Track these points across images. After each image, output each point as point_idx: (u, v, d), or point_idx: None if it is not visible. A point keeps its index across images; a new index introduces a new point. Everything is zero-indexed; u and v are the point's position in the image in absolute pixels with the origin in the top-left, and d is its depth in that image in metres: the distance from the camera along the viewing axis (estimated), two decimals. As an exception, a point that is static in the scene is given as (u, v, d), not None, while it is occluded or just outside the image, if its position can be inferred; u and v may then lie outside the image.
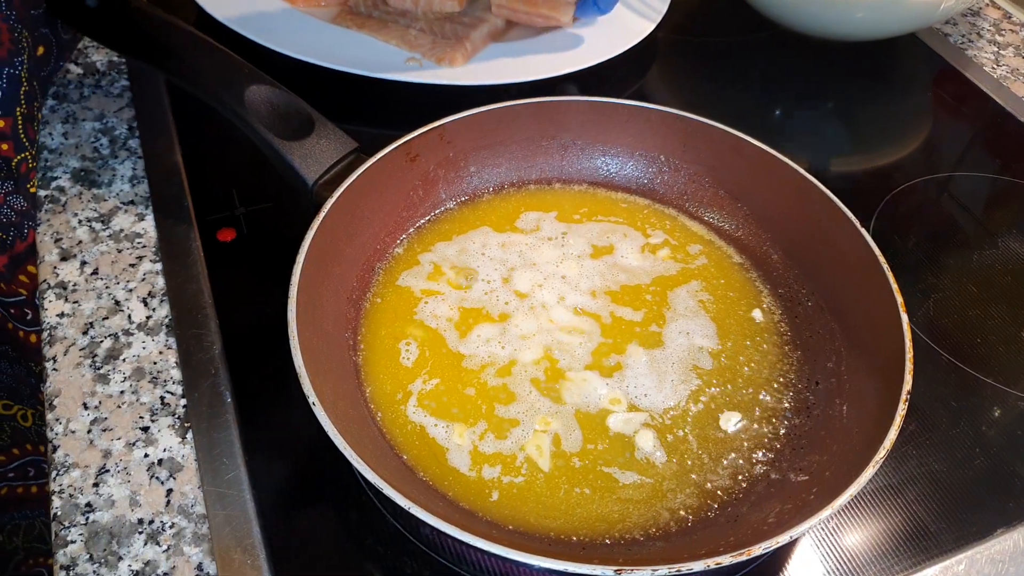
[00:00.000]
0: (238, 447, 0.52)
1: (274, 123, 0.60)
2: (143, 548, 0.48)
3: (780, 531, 0.42)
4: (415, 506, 0.41)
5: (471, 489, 0.49)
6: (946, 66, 0.90)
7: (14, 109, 0.61)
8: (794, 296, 0.60)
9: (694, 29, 0.93)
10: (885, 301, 0.52)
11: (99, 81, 0.76)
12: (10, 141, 0.62)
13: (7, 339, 0.70)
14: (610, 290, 0.60)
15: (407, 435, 0.51)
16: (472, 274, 0.60)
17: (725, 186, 0.65)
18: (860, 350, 0.54)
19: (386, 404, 0.53)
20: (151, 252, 0.63)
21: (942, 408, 0.58)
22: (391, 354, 0.55)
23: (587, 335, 0.57)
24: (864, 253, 0.55)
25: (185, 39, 0.64)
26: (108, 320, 0.59)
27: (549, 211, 0.66)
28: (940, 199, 0.77)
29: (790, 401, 0.55)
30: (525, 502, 0.49)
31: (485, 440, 0.51)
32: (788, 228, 0.62)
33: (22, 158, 0.63)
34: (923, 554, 0.51)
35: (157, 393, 0.55)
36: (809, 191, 0.59)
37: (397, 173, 0.61)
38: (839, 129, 0.83)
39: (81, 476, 0.51)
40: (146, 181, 0.68)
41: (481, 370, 0.55)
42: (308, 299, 0.51)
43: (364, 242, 0.60)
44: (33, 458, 0.76)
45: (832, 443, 0.50)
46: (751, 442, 0.52)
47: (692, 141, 0.65)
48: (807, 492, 0.47)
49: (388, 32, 0.81)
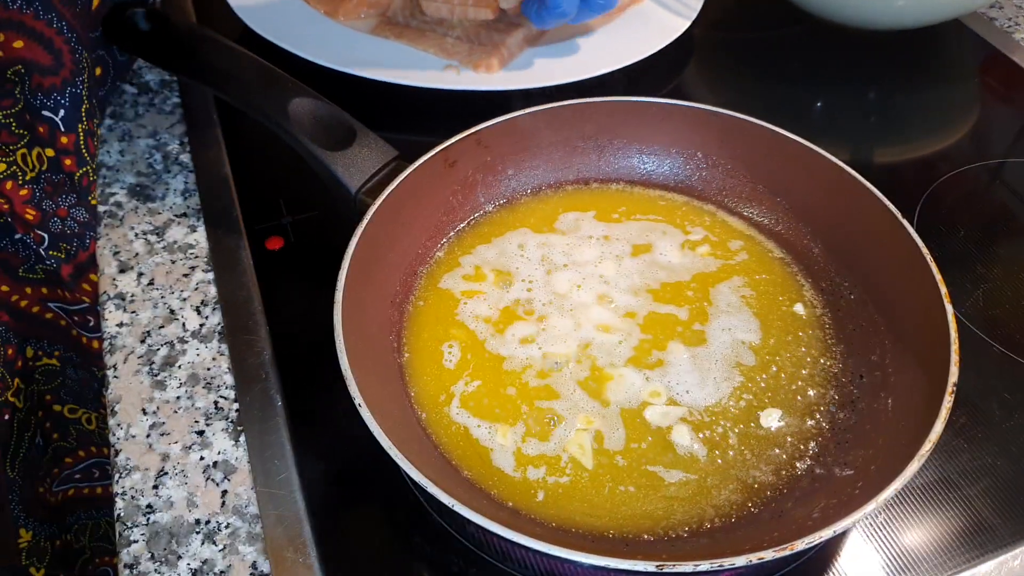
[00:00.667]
0: (288, 449, 0.54)
1: (317, 134, 0.61)
2: (200, 547, 0.50)
3: (824, 526, 0.41)
4: (459, 504, 0.42)
5: (516, 488, 0.50)
6: (993, 51, 0.88)
7: (76, 126, 0.64)
8: (836, 290, 0.60)
9: (730, 25, 0.93)
10: (929, 291, 0.52)
11: (152, 99, 0.79)
12: (73, 156, 0.65)
13: (72, 345, 0.73)
14: (651, 288, 0.60)
15: (451, 436, 0.52)
16: (511, 276, 0.61)
17: (763, 181, 0.65)
18: (904, 343, 0.53)
19: (430, 405, 0.54)
20: (203, 262, 0.65)
21: (995, 401, 0.57)
22: (434, 356, 0.56)
23: (627, 333, 0.58)
24: (905, 243, 0.55)
25: (230, 56, 0.66)
26: (164, 328, 0.61)
27: (587, 211, 0.66)
28: (991, 186, 0.75)
29: (834, 395, 0.54)
30: (571, 501, 0.49)
31: (528, 442, 0.52)
32: (828, 221, 0.61)
33: (83, 172, 0.66)
34: (978, 548, 0.50)
35: (211, 398, 0.57)
36: (847, 183, 0.59)
37: (436, 179, 0.62)
38: (882, 120, 0.82)
39: (142, 479, 0.53)
40: (197, 194, 0.70)
41: (523, 371, 0.55)
42: (353, 304, 0.52)
43: (406, 247, 0.61)
44: (97, 460, 0.79)
45: (877, 437, 0.50)
46: (795, 437, 0.52)
47: (728, 137, 0.65)
48: (852, 487, 0.47)
49: (426, 41, 0.82)
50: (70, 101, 0.63)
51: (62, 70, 0.62)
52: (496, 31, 0.82)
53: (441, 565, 0.50)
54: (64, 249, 0.66)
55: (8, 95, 0.61)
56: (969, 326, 0.62)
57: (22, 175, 0.63)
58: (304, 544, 0.50)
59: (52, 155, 0.64)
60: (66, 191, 0.65)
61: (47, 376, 0.75)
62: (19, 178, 0.63)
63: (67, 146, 0.64)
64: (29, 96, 0.61)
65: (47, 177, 0.64)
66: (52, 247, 0.65)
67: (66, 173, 0.65)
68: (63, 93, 0.62)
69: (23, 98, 0.61)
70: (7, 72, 0.60)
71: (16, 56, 0.60)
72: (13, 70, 0.60)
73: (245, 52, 0.66)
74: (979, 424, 0.56)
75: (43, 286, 0.70)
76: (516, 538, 0.41)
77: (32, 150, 0.63)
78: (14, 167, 0.63)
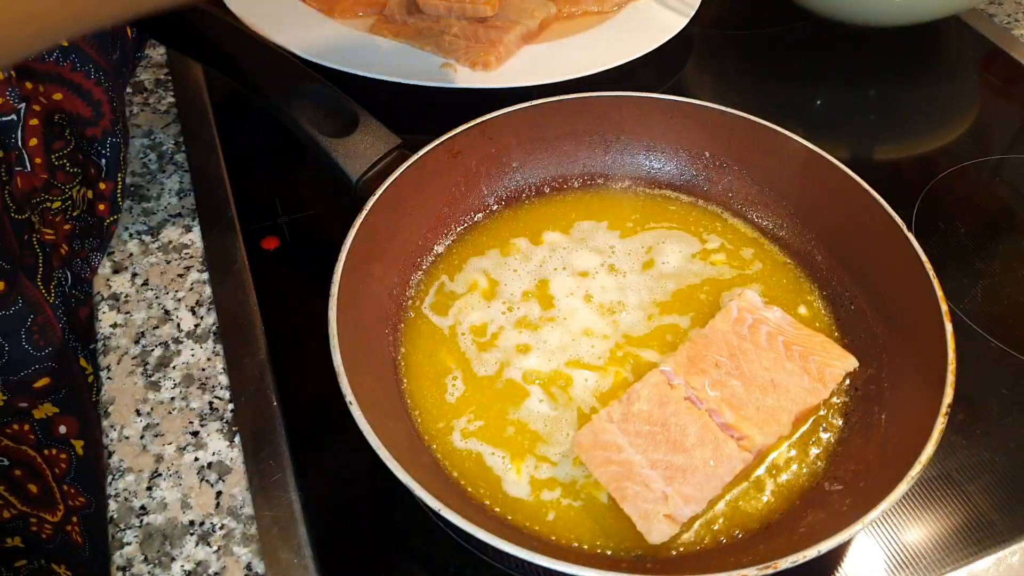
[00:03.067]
0: (284, 449, 0.53)
1: (320, 120, 0.60)
2: (194, 549, 0.50)
3: (809, 544, 0.41)
4: (445, 507, 0.42)
5: (498, 488, 0.50)
6: (992, 47, 0.88)
7: (116, 175, 0.65)
8: (837, 299, 0.59)
9: (729, 22, 0.93)
10: (930, 307, 0.51)
11: (147, 99, 0.79)
12: (108, 203, 0.65)
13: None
14: (658, 301, 0.59)
15: (448, 442, 0.52)
16: (513, 279, 0.61)
17: (770, 184, 0.64)
18: (902, 358, 0.52)
19: (424, 405, 0.53)
20: (198, 262, 0.65)
21: (992, 396, 0.57)
22: (431, 353, 0.56)
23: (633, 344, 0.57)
24: (909, 257, 0.53)
25: (234, 35, 0.65)
26: (158, 329, 0.61)
27: (600, 220, 0.65)
28: (991, 183, 0.75)
29: (827, 407, 0.53)
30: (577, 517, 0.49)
31: (529, 462, 0.51)
32: (833, 229, 0.60)
33: (112, 220, 0.66)
34: (977, 544, 0.50)
35: (206, 399, 0.57)
36: (854, 190, 0.58)
37: (440, 170, 0.61)
38: (882, 117, 0.82)
39: (135, 480, 0.53)
40: (192, 194, 0.70)
41: (528, 382, 0.55)
42: (349, 296, 0.51)
43: (406, 239, 0.60)
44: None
45: (868, 452, 0.49)
46: (785, 447, 0.52)
47: (737, 138, 0.64)
48: (840, 503, 0.46)
49: (423, 39, 0.82)
50: (111, 151, 0.64)
51: (102, 120, 0.62)
52: (494, 28, 0.82)
53: (438, 566, 0.49)
54: (84, 292, 0.66)
55: (59, 137, 0.61)
56: (968, 322, 0.61)
57: (71, 211, 0.63)
58: (299, 545, 0.49)
59: (91, 196, 0.64)
60: (94, 235, 0.65)
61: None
62: (68, 214, 0.63)
63: (104, 192, 0.65)
64: (78, 139, 0.61)
65: (84, 218, 0.64)
66: (75, 286, 0.65)
67: (99, 217, 0.65)
68: (104, 143, 0.63)
69: (74, 139, 0.62)
70: (55, 117, 0.60)
71: (57, 108, 0.60)
72: (60, 116, 0.60)
73: (251, 33, 0.65)
74: (978, 420, 0.56)
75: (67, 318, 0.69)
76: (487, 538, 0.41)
77: (82, 189, 0.63)
78: (68, 203, 0.63)
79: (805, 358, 0.52)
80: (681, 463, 0.47)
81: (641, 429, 0.49)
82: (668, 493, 0.46)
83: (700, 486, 0.47)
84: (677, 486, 0.46)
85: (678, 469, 0.47)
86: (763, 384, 0.51)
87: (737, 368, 0.52)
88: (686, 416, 0.49)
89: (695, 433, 0.48)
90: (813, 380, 0.51)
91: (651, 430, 0.49)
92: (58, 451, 0.64)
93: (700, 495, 0.46)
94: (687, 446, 0.48)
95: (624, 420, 0.49)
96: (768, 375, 0.51)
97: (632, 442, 0.48)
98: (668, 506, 0.46)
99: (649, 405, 0.49)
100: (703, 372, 0.51)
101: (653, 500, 0.46)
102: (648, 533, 0.45)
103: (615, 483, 0.47)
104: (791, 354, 0.52)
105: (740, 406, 0.50)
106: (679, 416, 0.49)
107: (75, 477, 0.65)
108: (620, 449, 0.48)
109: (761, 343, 0.53)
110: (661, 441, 0.48)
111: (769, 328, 0.54)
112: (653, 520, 0.45)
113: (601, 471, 0.48)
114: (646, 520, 0.46)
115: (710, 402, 0.50)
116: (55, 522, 0.67)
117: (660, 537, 0.45)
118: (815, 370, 0.52)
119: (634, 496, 0.46)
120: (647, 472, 0.47)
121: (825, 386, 0.51)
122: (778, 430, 0.49)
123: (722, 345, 0.53)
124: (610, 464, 0.48)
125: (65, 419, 0.62)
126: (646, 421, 0.49)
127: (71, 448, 0.64)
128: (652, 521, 0.45)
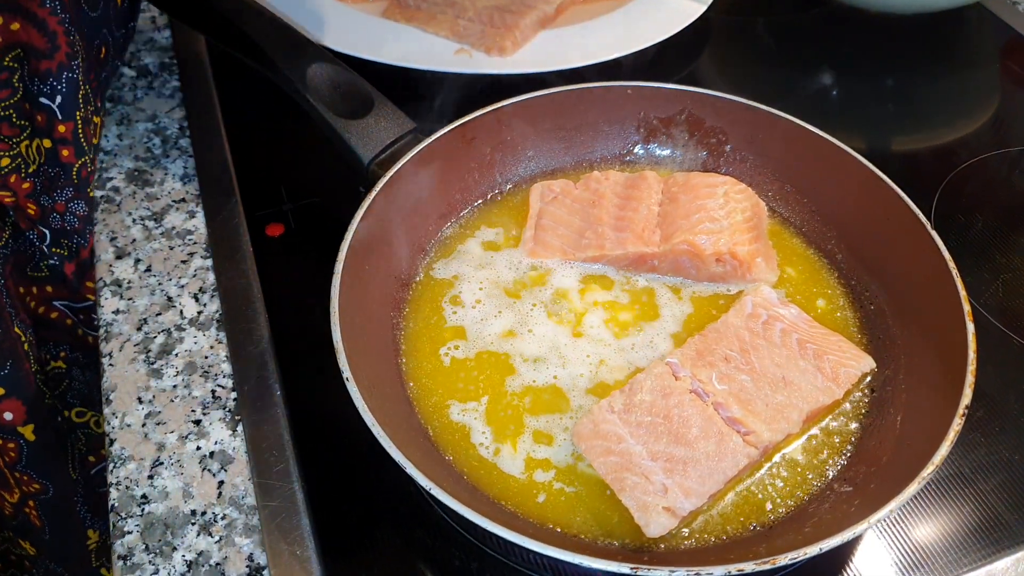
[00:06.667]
0: (287, 439, 0.53)
1: (334, 101, 0.60)
2: (196, 539, 0.49)
3: (811, 542, 0.40)
4: (436, 487, 0.41)
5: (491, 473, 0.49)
6: (1015, 35, 0.86)
7: (74, 113, 0.62)
8: (857, 298, 0.58)
9: (747, 9, 0.91)
10: (951, 307, 0.49)
11: (151, 83, 0.78)
12: (71, 146, 0.63)
13: (79, 345, 0.72)
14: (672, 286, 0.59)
15: (444, 425, 0.51)
16: (521, 266, 0.60)
17: (791, 179, 0.63)
18: (921, 359, 0.51)
19: (423, 388, 0.53)
20: (202, 248, 0.64)
21: (1013, 393, 0.56)
22: (432, 336, 0.55)
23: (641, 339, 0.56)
24: (932, 257, 0.52)
25: (249, 12, 0.64)
26: (161, 316, 0.60)
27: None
28: (1011, 175, 0.73)
29: (841, 408, 0.52)
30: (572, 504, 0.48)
31: (526, 441, 0.51)
32: (854, 226, 0.59)
33: (82, 163, 0.64)
34: (993, 545, 0.49)
35: (208, 387, 0.56)
36: (877, 187, 0.56)
37: (453, 155, 0.60)
38: (900, 107, 0.80)
39: (137, 469, 0.52)
40: (196, 179, 0.69)
41: (525, 374, 0.54)
42: (354, 276, 0.51)
43: (415, 223, 0.59)
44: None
45: (881, 454, 0.48)
46: (796, 447, 0.50)
47: (759, 132, 0.63)
48: (848, 503, 0.45)
49: (437, 24, 0.80)
50: (67, 86, 0.61)
51: (57, 53, 0.60)
52: (509, 12, 0.80)
53: (442, 558, 0.48)
54: (66, 246, 0.64)
55: (6, 85, 0.59)
56: (987, 317, 0.60)
57: (25, 168, 0.61)
58: (301, 537, 0.48)
59: (49, 145, 0.62)
60: (62, 184, 0.63)
61: (54, 380, 0.73)
62: (22, 171, 0.61)
63: (65, 135, 0.62)
64: (27, 83, 0.60)
65: (44, 171, 0.62)
66: (54, 244, 0.63)
67: (63, 164, 0.63)
68: (59, 78, 0.61)
69: (21, 86, 0.60)
70: (5, 59, 0.59)
71: (13, 39, 0.58)
72: (13, 55, 0.59)
73: (265, 9, 0.64)
74: (996, 418, 0.54)
75: (48, 284, 0.68)
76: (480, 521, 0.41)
77: (33, 142, 0.61)
78: (18, 159, 0.61)
79: (820, 357, 0.51)
80: (683, 456, 0.46)
81: (643, 420, 0.48)
82: (668, 485, 0.45)
83: (702, 480, 0.46)
84: (678, 479, 0.45)
85: (679, 461, 0.46)
86: (773, 380, 0.50)
87: (747, 363, 0.50)
88: (690, 408, 0.48)
89: (699, 426, 0.47)
90: (827, 379, 0.50)
91: (653, 421, 0.48)
92: (4, 441, 0.63)
93: (701, 489, 0.45)
94: (689, 439, 0.47)
95: (626, 410, 0.48)
96: (779, 372, 0.50)
97: (633, 433, 0.47)
98: (668, 499, 0.45)
99: (652, 396, 0.48)
100: (711, 365, 0.50)
101: (652, 492, 0.45)
102: (646, 526, 0.44)
103: (614, 474, 0.46)
104: (805, 352, 0.51)
105: (748, 401, 0.49)
106: (683, 408, 0.48)
107: (27, 464, 0.64)
108: (620, 439, 0.47)
109: (774, 339, 0.52)
110: (663, 433, 0.47)
111: (784, 325, 0.52)
112: (652, 512, 0.44)
113: (600, 461, 0.47)
114: (644, 512, 0.45)
115: (717, 395, 0.49)
116: (13, 503, 0.66)
117: (659, 530, 0.44)
118: (829, 369, 0.50)
119: (633, 487, 0.45)
120: (647, 463, 0.46)
121: (839, 386, 0.50)
122: (787, 427, 0.48)
123: (733, 340, 0.51)
124: (609, 454, 0.47)
125: (10, 403, 0.61)
126: (648, 412, 0.48)
127: (19, 436, 0.63)
128: (651, 513, 0.44)
